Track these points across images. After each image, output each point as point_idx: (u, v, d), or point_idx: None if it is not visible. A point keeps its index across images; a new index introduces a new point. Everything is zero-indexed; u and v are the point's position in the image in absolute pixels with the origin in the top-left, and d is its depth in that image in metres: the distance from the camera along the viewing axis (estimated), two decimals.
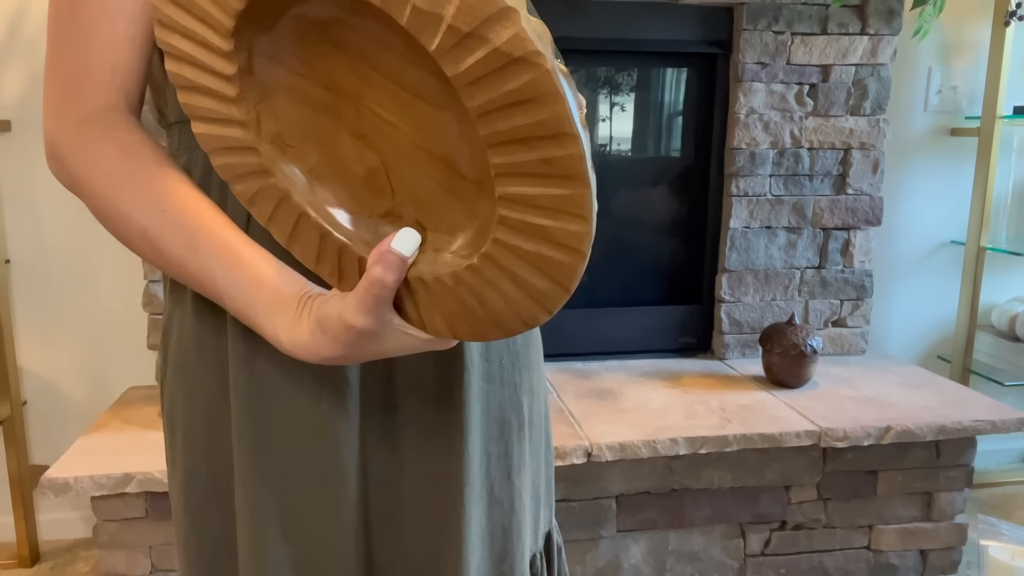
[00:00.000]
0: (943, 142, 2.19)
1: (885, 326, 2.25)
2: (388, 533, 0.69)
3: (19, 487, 1.86)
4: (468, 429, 0.68)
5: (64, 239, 1.86)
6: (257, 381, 0.64)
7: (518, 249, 0.46)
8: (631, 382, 1.87)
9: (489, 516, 0.72)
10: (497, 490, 0.73)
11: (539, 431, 0.80)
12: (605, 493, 1.61)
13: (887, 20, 1.94)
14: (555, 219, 0.44)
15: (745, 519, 1.69)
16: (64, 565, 1.89)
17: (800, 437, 1.59)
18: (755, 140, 1.96)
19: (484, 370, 0.71)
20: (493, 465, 0.73)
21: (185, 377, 0.68)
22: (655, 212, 2.08)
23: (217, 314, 0.66)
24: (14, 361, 1.87)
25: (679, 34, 1.93)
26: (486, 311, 0.49)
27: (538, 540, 0.82)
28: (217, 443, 0.67)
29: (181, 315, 0.68)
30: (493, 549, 0.73)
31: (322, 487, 0.66)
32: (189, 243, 0.55)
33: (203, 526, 0.70)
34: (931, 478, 1.74)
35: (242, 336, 0.64)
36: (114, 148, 0.57)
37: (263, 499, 0.65)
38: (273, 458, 0.65)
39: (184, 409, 0.69)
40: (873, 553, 1.77)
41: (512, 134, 0.42)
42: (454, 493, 0.68)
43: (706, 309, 2.08)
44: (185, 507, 0.70)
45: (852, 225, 2.05)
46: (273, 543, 0.66)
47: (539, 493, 0.81)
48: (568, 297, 0.47)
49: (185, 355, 0.68)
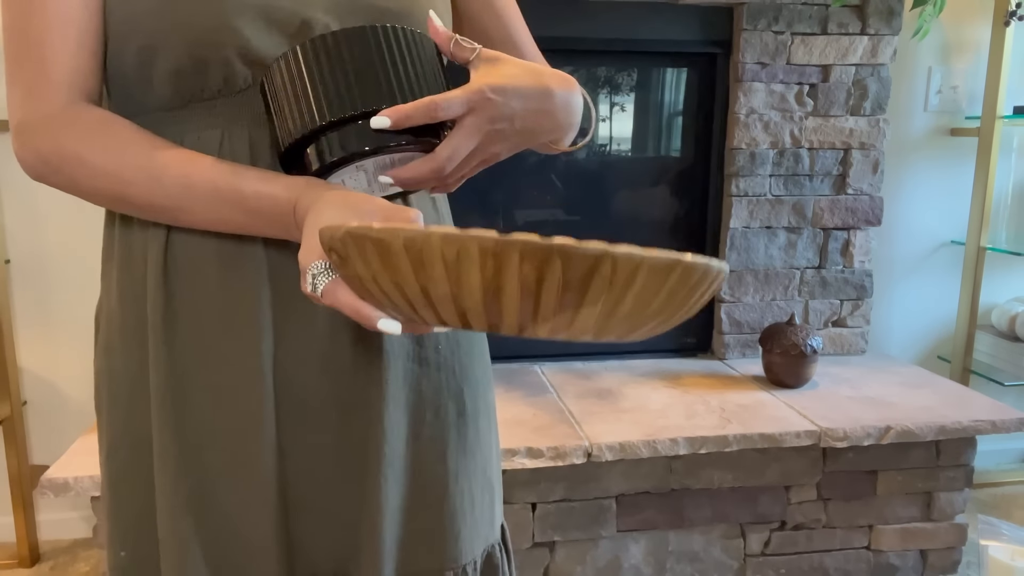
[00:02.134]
0: (943, 142, 2.19)
1: (885, 326, 2.25)
2: (308, 509, 0.71)
3: (19, 487, 1.86)
4: (386, 406, 0.70)
5: (64, 239, 1.86)
6: (175, 359, 0.67)
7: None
8: (631, 382, 1.87)
9: (412, 494, 0.74)
10: (427, 471, 0.74)
11: (487, 421, 0.81)
12: (605, 493, 1.61)
13: (887, 20, 1.94)
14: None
15: (745, 519, 1.69)
16: (64, 565, 1.89)
17: (800, 437, 1.59)
18: (755, 140, 1.95)
19: (414, 352, 0.73)
20: (424, 447, 0.74)
21: (110, 357, 0.72)
22: (655, 212, 2.08)
23: (139, 298, 0.69)
24: (14, 361, 1.87)
25: (679, 34, 1.93)
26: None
27: (494, 530, 0.83)
28: (138, 420, 0.70)
29: (107, 298, 0.72)
30: (413, 526, 0.74)
31: (237, 463, 0.68)
32: (180, 186, 0.64)
33: (125, 498, 0.72)
34: (931, 478, 1.74)
35: (161, 317, 0.67)
36: (85, 124, 0.64)
37: (180, 472, 0.68)
38: (190, 432, 0.68)
39: (108, 387, 0.72)
40: (873, 553, 1.77)
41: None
42: (372, 469, 0.70)
43: (706, 309, 2.08)
44: (109, 481, 0.73)
45: (852, 225, 2.05)
46: (191, 514, 0.69)
47: (492, 484, 0.82)
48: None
49: (111, 337, 0.72)
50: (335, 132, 0.61)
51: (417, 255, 0.47)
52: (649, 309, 0.49)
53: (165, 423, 0.68)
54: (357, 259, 0.51)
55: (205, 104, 0.66)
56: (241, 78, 0.65)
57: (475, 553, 0.79)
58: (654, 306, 0.49)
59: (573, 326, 0.49)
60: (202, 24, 0.62)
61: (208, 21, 0.62)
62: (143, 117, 0.67)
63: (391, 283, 0.50)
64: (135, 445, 0.71)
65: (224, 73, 0.64)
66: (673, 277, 0.47)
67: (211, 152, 0.66)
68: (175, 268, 0.67)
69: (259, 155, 0.67)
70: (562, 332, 0.49)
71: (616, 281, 0.46)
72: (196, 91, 0.65)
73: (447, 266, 0.47)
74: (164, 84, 0.65)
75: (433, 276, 0.48)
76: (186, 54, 0.63)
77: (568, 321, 0.48)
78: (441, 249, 0.46)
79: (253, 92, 0.66)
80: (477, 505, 0.78)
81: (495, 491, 0.82)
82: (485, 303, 0.48)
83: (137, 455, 0.71)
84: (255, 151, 0.67)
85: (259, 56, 0.64)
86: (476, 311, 0.49)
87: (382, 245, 0.49)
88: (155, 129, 0.67)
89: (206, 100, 0.66)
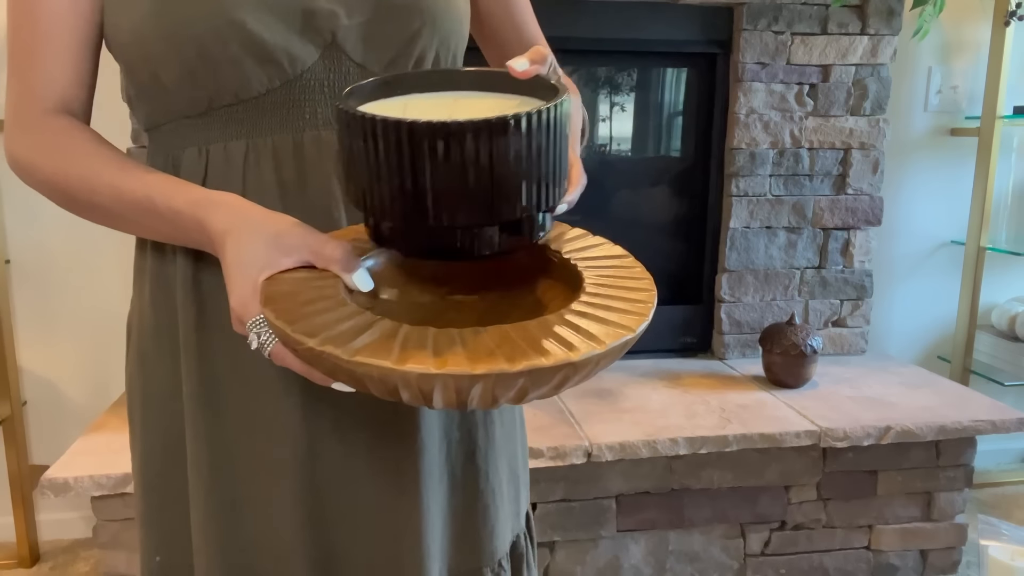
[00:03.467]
0: (943, 142, 2.19)
1: (885, 326, 2.25)
2: (346, 523, 0.70)
3: (19, 487, 1.86)
4: (421, 415, 0.70)
5: (64, 239, 1.86)
6: (207, 369, 0.68)
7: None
8: (631, 382, 1.87)
9: (451, 498, 0.74)
10: (460, 472, 0.74)
11: (510, 413, 0.81)
12: (605, 493, 1.61)
13: (887, 20, 1.94)
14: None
15: (745, 519, 1.69)
16: (64, 565, 1.89)
17: (800, 437, 1.59)
18: (755, 140, 1.95)
19: None
20: (454, 450, 0.74)
21: (144, 365, 0.72)
22: (655, 212, 2.08)
23: (171, 306, 0.69)
24: (14, 361, 1.87)
25: (679, 34, 1.93)
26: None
27: (520, 520, 0.83)
28: (173, 428, 0.71)
29: (140, 306, 0.73)
30: (455, 529, 0.75)
31: (269, 473, 0.68)
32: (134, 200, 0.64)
33: (159, 505, 0.73)
34: (931, 478, 1.74)
35: (194, 328, 0.68)
36: (49, 133, 0.66)
37: (213, 481, 0.69)
38: (222, 442, 0.68)
39: (142, 395, 0.73)
40: (873, 553, 1.77)
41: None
42: (410, 479, 0.70)
43: (706, 309, 2.08)
44: (143, 487, 0.74)
45: (852, 225, 2.05)
46: (224, 523, 0.69)
47: (517, 475, 0.82)
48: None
49: (144, 344, 0.72)
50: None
51: (393, 386, 0.48)
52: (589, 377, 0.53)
53: (198, 433, 0.69)
54: (323, 366, 0.51)
55: (226, 110, 0.66)
56: (256, 80, 0.65)
57: (506, 547, 0.79)
58: (593, 375, 0.53)
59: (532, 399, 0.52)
60: (203, 21, 0.62)
61: (208, 18, 0.62)
62: (171, 124, 0.68)
63: (359, 385, 0.51)
64: (169, 453, 0.71)
65: (237, 74, 0.64)
66: (624, 350, 0.52)
67: (237, 165, 0.66)
68: (206, 278, 0.68)
69: (283, 166, 0.67)
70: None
71: (574, 380, 0.50)
72: (213, 94, 0.65)
73: (423, 393, 0.48)
74: (179, 88, 0.65)
75: (406, 396, 0.49)
76: (193, 55, 0.63)
77: (533, 399, 0.52)
78: (418, 385, 0.47)
79: (273, 98, 0.66)
80: (506, 499, 0.79)
81: (520, 481, 0.83)
82: (458, 406, 0.50)
83: (172, 462, 0.71)
84: (279, 162, 0.67)
85: (268, 53, 0.64)
86: (447, 406, 0.51)
87: (354, 376, 0.49)
88: (182, 136, 0.68)
89: (226, 106, 0.66)
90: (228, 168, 0.67)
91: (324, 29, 0.65)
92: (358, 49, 0.67)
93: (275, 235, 0.58)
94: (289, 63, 0.65)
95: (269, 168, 0.66)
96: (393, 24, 0.67)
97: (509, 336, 0.50)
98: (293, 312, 0.52)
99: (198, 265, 0.68)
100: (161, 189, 0.63)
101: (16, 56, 0.67)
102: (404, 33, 0.67)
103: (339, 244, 0.59)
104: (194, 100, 0.66)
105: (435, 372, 0.46)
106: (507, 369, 0.46)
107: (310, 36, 0.65)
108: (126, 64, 0.67)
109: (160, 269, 0.71)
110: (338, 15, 0.65)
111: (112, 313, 1.91)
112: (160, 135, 0.70)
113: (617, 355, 0.51)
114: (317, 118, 0.67)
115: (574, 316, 0.53)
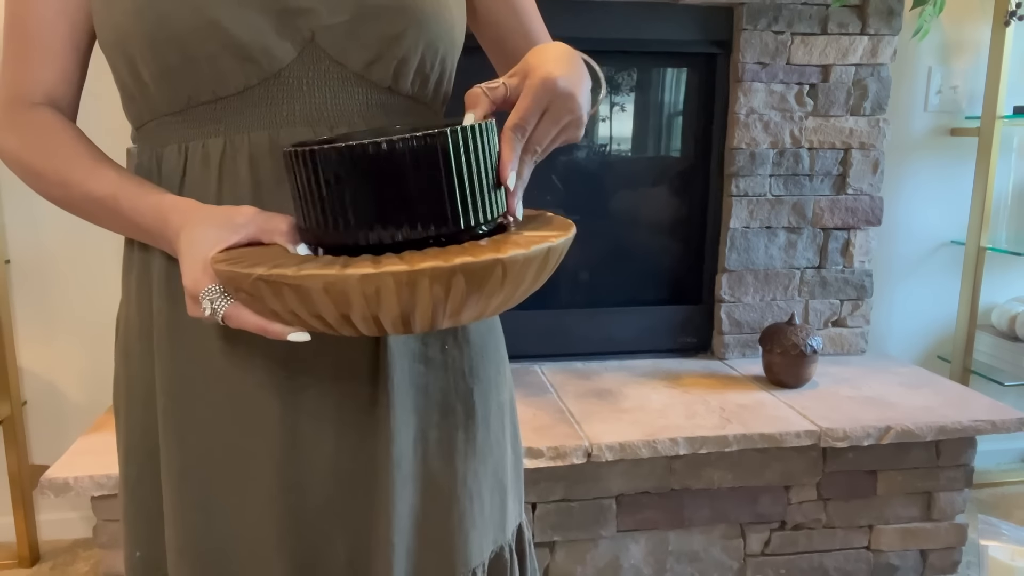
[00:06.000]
0: (943, 142, 2.19)
1: (885, 326, 2.25)
2: (319, 517, 0.71)
3: (19, 487, 1.86)
4: (393, 408, 0.70)
5: (64, 239, 1.86)
6: (179, 368, 0.69)
7: None
8: (631, 382, 1.87)
9: (422, 498, 0.74)
10: (436, 474, 0.74)
11: (499, 422, 0.80)
12: (605, 493, 1.61)
13: (887, 20, 1.94)
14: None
15: (745, 519, 1.69)
16: (64, 565, 1.89)
17: (800, 437, 1.59)
18: (755, 140, 1.95)
19: (419, 352, 0.73)
20: (431, 450, 0.74)
21: (128, 363, 0.73)
22: (655, 212, 2.08)
23: (149, 305, 0.70)
24: (14, 361, 1.87)
25: (679, 34, 1.93)
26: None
27: (506, 532, 0.82)
28: (152, 425, 0.72)
29: (127, 305, 0.74)
30: (424, 532, 0.74)
31: (240, 470, 0.69)
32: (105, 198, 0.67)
33: (140, 501, 0.74)
34: (931, 478, 1.74)
35: (166, 324, 0.69)
36: (31, 128, 0.68)
37: (183, 479, 0.69)
38: (193, 439, 0.69)
39: (125, 392, 0.74)
40: (873, 553, 1.77)
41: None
42: (382, 475, 0.70)
43: (706, 309, 2.08)
44: (125, 483, 0.75)
45: (852, 225, 2.05)
46: (194, 521, 0.70)
47: (504, 485, 0.81)
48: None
49: (129, 342, 0.73)
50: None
51: (338, 295, 0.51)
52: (523, 287, 0.57)
53: (168, 430, 0.69)
54: (271, 299, 0.54)
55: (204, 108, 0.66)
56: (234, 77, 0.65)
57: (484, 556, 0.78)
58: (527, 283, 0.57)
59: (472, 315, 0.56)
60: (182, 19, 0.62)
61: (187, 15, 0.62)
62: (154, 122, 0.69)
63: (309, 314, 0.54)
64: (150, 449, 0.72)
65: (214, 71, 0.64)
66: (551, 259, 0.57)
67: (214, 162, 0.67)
68: (178, 273, 0.67)
69: (259, 164, 0.67)
70: (463, 321, 0.57)
71: (507, 279, 0.54)
72: (191, 92, 0.65)
73: (367, 299, 0.51)
74: (159, 86, 0.65)
75: (353, 307, 0.52)
76: (172, 52, 0.63)
77: (473, 314, 0.56)
78: (361, 289, 0.51)
79: (251, 95, 0.66)
80: (487, 508, 0.78)
81: (507, 492, 0.82)
82: (402, 317, 0.53)
83: (152, 459, 0.72)
84: (255, 160, 0.67)
85: (246, 50, 0.64)
86: (393, 324, 0.54)
87: (301, 291, 0.52)
88: (164, 134, 0.68)
89: (205, 104, 0.66)
90: (205, 166, 0.67)
91: (303, 27, 0.65)
92: (338, 48, 0.67)
93: (225, 217, 0.61)
94: (267, 61, 0.65)
95: (245, 165, 0.67)
96: (377, 24, 0.67)
97: (444, 251, 0.55)
98: (241, 259, 0.57)
99: (172, 261, 0.68)
100: (127, 190, 0.65)
101: (8, 46, 0.68)
102: (387, 34, 0.67)
103: (285, 218, 0.61)
104: (174, 98, 0.66)
105: (374, 271, 0.50)
106: (442, 264, 0.50)
107: (288, 34, 0.65)
108: (112, 63, 0.68)
109: (144, 266, 0.72)
110: (318, 13, 0.65)
111: (112, 313, 1.89)
112: (146, 133, 0.71)
113: (544, 264, 0.56)
114: (295, 116, 0.67)
115: (501, 240, 0.58)
